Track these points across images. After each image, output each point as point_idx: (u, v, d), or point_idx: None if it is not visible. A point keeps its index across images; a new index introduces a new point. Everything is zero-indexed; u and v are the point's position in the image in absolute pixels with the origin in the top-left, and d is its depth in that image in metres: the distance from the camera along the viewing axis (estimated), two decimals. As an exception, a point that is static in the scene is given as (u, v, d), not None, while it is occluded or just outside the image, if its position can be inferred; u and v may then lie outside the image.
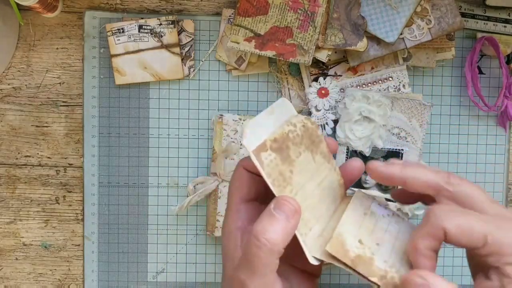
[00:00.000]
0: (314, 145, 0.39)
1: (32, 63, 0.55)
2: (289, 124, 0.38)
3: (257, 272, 0.33)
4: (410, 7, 0.51)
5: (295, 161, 0.37)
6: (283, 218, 0.33)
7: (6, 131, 0.56)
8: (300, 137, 0.38)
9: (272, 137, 0.36)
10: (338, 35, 0.51)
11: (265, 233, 0.33)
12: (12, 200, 0.56)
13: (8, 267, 0.57)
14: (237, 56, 0.55)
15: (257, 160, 0.35)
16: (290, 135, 0.37)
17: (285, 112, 0.39)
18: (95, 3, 0.55)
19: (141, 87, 0.56)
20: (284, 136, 0.37)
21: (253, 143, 0.35)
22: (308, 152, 0.38)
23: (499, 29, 0.55)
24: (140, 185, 0.56)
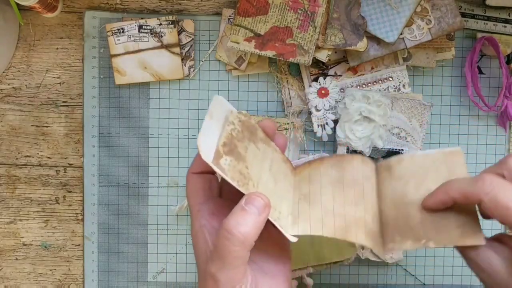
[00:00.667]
0: (253, 135, 0.40)
1: (32, 63, 0.55)
2: (229, 123, 0.39)
3: (228, 265, 0.34)
4: (410, 7, 0.51)
5: (246, 156, 0.38)
6: (254, 212, 0.35)
7: (6, 131, 0.56)
8: (241, 132, 0.39)
9: (221, 141, 0.37)
10: (338, 35, 0.51)
11: (238, 226, 0.34)
12: (12, 200, 0.56)
13: (8, 267, 0.57)
14: (237, 56, 0.55)
15: (219, 169, 0.36)
16: (233, 134, 0.38)
17: (222, 110, 0.40)
18: (95, 3, 0.55)
19: (141, 87, 0.56)
20: (229, 137, 0.38)
21: (209, 155, 0.36)
22: (251, 143, 0.39)
23: (499, 29, 0.55)
24: (140, 185, 0.56)
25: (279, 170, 0.41)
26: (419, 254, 0.58)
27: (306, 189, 0.40)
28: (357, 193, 0.40)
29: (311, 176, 0.41)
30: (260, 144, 0.40)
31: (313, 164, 0.42)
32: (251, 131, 0.40)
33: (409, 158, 0.40)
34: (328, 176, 0.40)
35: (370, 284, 0.58)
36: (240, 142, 0.38)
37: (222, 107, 0.40)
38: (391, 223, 0.39)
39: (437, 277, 0.58)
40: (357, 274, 0.58)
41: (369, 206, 0.40)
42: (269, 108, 0.56)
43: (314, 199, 0.39)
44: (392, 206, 0.40)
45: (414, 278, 0.58)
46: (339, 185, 0.40)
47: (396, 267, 0.58)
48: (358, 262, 0.57)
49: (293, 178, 0.42)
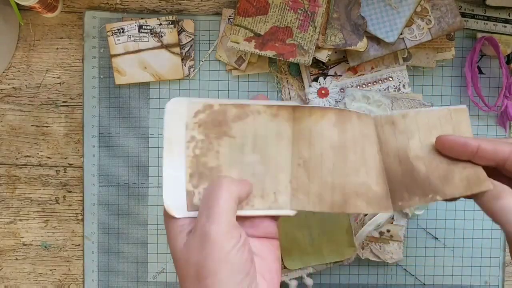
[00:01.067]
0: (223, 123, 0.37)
1: (32, 63, 0.55)
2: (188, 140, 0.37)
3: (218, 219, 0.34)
4: (410, 7, 0.51)
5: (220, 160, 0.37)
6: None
7: (6, 131, 0.56)
8: (207, 137, 0.37)
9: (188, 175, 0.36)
10: (338, 35, 0.51)
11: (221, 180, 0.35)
12: (12, 200, 0.56)
13: (8, 267, 0.57)
14: (237, 56, 0.55)
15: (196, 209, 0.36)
16: (196, 152, 0.37)
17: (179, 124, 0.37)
18: (95, 3, 0.55)
19: (141, 87, 0.56)
20: (193, 161, 0.37)
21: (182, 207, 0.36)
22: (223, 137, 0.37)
23: (499, 29, 0.55)
24: (140, 185, 0.56)
25: (268, 137, 0.38)
26: (419, 254, 0.58)
27: (307, 152, 0.38)
28: (358, 156, 0.38)
29: (313, 135, 0.38)
30: (235, 126, 0.37)
31: (314, 115, 0.38)
32: (218, 121, 0.37)
33: (414, 114, 0.39)
34: (330, 138, 0.38)
35: (370, 284, 0.58)
36: (208, 151, 0.37)
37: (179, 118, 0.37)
38: (398, 180, 0.39)
39: (437, 277, 0.58)
40: (357, 274, 0.58)
41: (371, 168, 0.39)
42: (269, 108, 0.56)
43: (314, 168, 0.38)
44: (397, 162, 0.39)
45: (414, 278, 0.58)
46: (340, 150, 0.38)
47: (396, 267, 0.58)
48: (358, 262, 0.57)
49: (291, 128, 0.38)
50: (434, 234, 0.57)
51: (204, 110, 0.37)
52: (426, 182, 0.38)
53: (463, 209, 0.57)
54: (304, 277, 0.54)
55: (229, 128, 0.37)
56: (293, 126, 0.38)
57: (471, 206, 0.57)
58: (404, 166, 0.39)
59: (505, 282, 0.58)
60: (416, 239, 0.57)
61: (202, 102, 0.37)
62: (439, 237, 0.57)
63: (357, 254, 0.56)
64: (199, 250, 0.34)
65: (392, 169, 0.39)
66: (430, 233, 0.57)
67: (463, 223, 0.57)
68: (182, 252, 0.35)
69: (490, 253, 0.58)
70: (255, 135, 0.38)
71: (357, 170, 0.38)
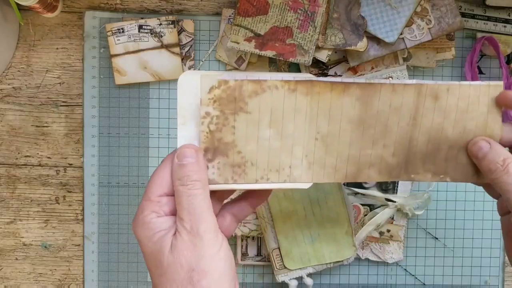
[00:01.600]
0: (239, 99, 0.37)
1: (32, 63, 0.55)
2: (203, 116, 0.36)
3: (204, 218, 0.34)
4: (410, 7, 0.51)
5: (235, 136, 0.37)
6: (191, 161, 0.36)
7: (6, 131, 0.56)
8: (222, 113, 0.37)
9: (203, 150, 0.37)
10: (338, 35, 0.51)
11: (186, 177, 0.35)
12: (12, 200, 0.56)
13: (8, 267, 0.57)
14: (237, 56, 0.55)
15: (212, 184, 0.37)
16: (211, 128, 0.37)
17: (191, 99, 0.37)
18: (95, 3, 0.55)
19: (141, 87, 0.56)
20: (208, 137, 0.37)
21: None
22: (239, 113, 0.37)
23: (499, 29, 0.55)
24: (140, 185, 0.56)
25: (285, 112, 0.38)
26: (419, 254, 0.58)
27: (325, 127, 0.38)
28: (378, 130, 0.39)
29: (332, 109, 0.38)
30: (251, 102, 0.37)
31: (335, 88, 0.38)
32: (233, 97, 0.37)
33: (457, 87, 0.39)
34: (350, 113, 0.38)
35: (370, 284, 0.58)
36: (224, 127, 0.37)
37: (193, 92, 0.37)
38: (419, 154, 0.39)
39: (437, 277, 0.58)
40: (357, 274, 0.58)
41: (391, 140, 0.39)
42: (269, 108, 0.56)
43: (332, 143, 0.38)
44: (426, 138, 0.39)
45: (414, 278, 0.58)
46: (359, 126, 0.38)
47: (396, 267, 0.58)
48: (358, 262, 0.57)
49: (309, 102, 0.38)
50: (434, 234, 0.57)
51: (219, 86, 0.37)
52: (443, 163, 0.40)
53: (463, 209, 0.57)
54: (304, 277, 0.54)
55: (245, 104, 0.37)
56: (311, 100, 0.38)
57: (471, 206, 0.57)
58: (430, 144, 0.39)
59: (505, 282, 0.58)
60: (416, 239, 0.57)
61: (216, 77, 0.37)
62: (439, 237, 0.57)
63: (357, 254, 0.56)
64: (191, 250, 0.34)
65: (418, 142, 0.39)
66: (430, 233, 0.57)
67: (463, 223, 0.57)
68: (169, 257, 0.34)
69: (490, 253, 0.58)
70: (271, 110, 0.38)
71: (374, 143, 0.39)
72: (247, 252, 0.56)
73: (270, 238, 0.54)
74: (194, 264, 0.34)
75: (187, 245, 0.34)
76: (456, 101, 0.39)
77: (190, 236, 0.34)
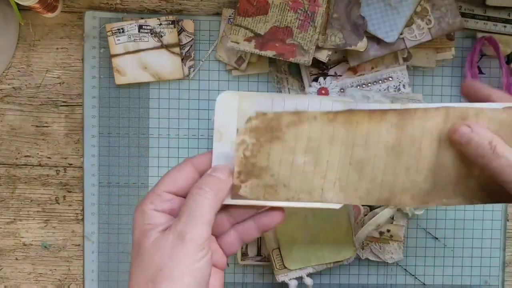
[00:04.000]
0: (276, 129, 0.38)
1: (32, 63, 0.55)
2: (239, 143, 0.37)
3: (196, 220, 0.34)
4: (410, 7, 0.51)
5: (269, 162, 0.38)
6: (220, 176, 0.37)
7: (6, 131, 0.56)
8: (257, 141, 0.38)
9: (236, 173, 0.38)
10: (338, 35, 0.51)
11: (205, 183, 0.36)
12: (12, 200, 0.56)
13: (8, 267, 0.57)
14: (237, 56, 0.55)
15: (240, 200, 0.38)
16: (246, 154, 0.38)
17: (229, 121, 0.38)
18: (95, 3, 0.55)
19: (141, 87, 0.56)
20: (242, 161, 0.38)
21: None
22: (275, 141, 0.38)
23: (499, 29, 0.55)
24: (140, 185, 0.56)
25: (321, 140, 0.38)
26: (419, 254, 0.58)
27: (360, 153, 0.38)
28: (412, 155, 0.39)
29: (369, 136, 0.38)
30: (288, 131, 0.38)
31: (374, 118, 0.38)
32: (271, 127, 0.38)
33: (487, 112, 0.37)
34: (386, 139, 0.38)
35: (370, 284, 0.58)
36: (259, 153, 0.38)
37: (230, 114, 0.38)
38: (449, 178, 0.39)
39: (437, 277, 0.58)
40: (357, 274, 0.58)
41: (424, 165, 0.39)
42: (269, 108, 0.56)
43: (366, 168, 0.39)
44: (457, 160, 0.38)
45: (414, 278, 0.58)
46: (394, 151, 0.39)
47: (396, 267, 0.58)
48: (358, 262, 0.57)
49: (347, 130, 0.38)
50: (434, 234, 0.57)
51: (257, 117, 0.37)
52: (473, 188, 0.39)
53: (463, 209, 0.57)
54: (304, 277, 0.54)
55: (282, 134, 0.38)
56: (349, 128, 0.38)
57: (471, 206, 0.57)
58: (459, 168, 0.39)
59: (505, 282, 0.58)
60: (416, 239, 0.57)
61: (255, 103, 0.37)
62: (439, 237, 0.57)
63: (357, 254, 0.56)
64: (168, 251, 0.34)
65: (447, 166, 0.39)
66: (430, 233, 0.57)
67: (463, 223, 0.57)
68: (147, 249, 0.34)
69: (490, 253, 0.58)
70: (308, 139, 0.38)
71: (408, 169, 0.39)
72: (247, 252, 0.56)
73: (270, 238, 0.54)
74: (164, 265, 0.33)
75: (167, 245, 0.34)
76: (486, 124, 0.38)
77: (175, 238, 0.34)
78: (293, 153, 0.38)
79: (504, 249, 0.57)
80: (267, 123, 0.38)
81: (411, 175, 0.39)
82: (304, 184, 0.39)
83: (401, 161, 0.39)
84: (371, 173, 0.39)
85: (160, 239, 0.34)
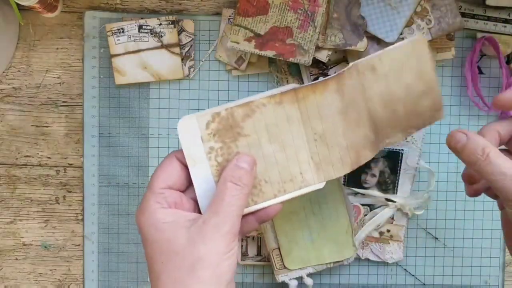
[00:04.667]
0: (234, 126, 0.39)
1: (32, 63, 0.55)
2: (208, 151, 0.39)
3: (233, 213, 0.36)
4: (410, 7, 0.51)
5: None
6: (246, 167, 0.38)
7: (6, 131, 0.56)
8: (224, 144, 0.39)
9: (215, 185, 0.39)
10: (338, 35, 0.51)
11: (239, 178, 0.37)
12: (12, 200, 0.56)
13: (8, 267, 0.57)
14: (237, 56, 0.55)
15: None
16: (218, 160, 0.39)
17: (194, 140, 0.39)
18: (95, 3, 0.55)
19: (141, 87, 0.56)
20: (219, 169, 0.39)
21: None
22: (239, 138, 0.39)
23: (499, 29, 0.55)
24: (140, 185, 0.56)
25: (279, 124, 0.40)
26: (419, 254, 0.58)
27: (320, 126, 0.40)
28: (356, 112, 0.41)
29: (320, 108, 0.40)
30: (245, 125, 0.39)
31: (317, 90, 0.40)
32: (229, 125, 0.39)
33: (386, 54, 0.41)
34: (335, 105, 0.40)
35: (370, 284, 0.58)
36: (229, 156, 0.39)
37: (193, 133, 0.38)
38: (383, 121, 0.42)
39: (437, 277, 0.58)
40: (357, 274, 0.58)
41: (364, 118, 0.41)
42: (269, 108, 0.56)
43: (330, 138, 0.40)
44: (382, 105, 0.41)
45: (414, 278, 0.58)
46: (344, 115, 0.40)
47: (396, 267, 0.58)
48: (358, 262, 0.57)
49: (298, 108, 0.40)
50: (434, 234, 0.57)
51: (213, 120, 0.39)
52: (404, 119, 0.42)
53: (463, 209, 0.57)
54: (304, 277, 0.54)
55: (241, 128, 0.39)
56: (299, 106, 0.40)
57: (471, 206, 0.57)
58: (387, 108, 0.41)
59: (505, 282, 0.58)
60: (416, 239, 0.57)
61: (209, 112, 0.39)
62: (439, 237, 0.57)
63: (357, 254, 0.56)
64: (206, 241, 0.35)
65: (377, 112, 0.41)
66: (430, 233, 0.57)
67: (463, 223, 0.57)
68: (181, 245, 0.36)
69: (490, 253, 0.58)
70: (266, 126, 0.39)
71: (358, 125, 0.41)
72: (247, 252, 0.56)
73: (270, 238, 0.54)
74: (204, 255, 0.35)
75: (205, 236, 0.35)
76: (390, 66, 0.41)
77: (212, 230, 0.35)
78: (260, 145, 0.39)
79: (504, 249, 0.57)
80: (224, 123, 0.39)
81: (361, 130, 0.41)
82: (283, 173, 0.40)
83: (351, 120, 0.40)
84: (336, 141, 0.40)
85: (194, 232, 0.36)
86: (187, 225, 0.36)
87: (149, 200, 0.37)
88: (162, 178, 0.38)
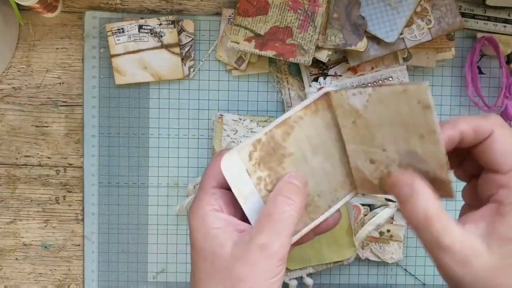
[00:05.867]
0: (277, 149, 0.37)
1: (32, 63, 0.55)
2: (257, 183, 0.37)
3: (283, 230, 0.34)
4: (410, 7, 0.51)
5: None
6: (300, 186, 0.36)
7: (6, 131, 0.56)
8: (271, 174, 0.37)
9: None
10: (338, 35, 0.51)
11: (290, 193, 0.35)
12: (12, 200, 0.56)
13: (8, 267, 0.57)
14: (237, 56, 0.55)
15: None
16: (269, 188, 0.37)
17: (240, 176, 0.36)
18: (95, 3, 0.55)
19: (141, 87, 0.56)
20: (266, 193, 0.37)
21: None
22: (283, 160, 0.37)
23: (499, 29, 0.55)
24: (140, 185, 0.56)
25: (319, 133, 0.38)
26: (419, 254, 0.58)
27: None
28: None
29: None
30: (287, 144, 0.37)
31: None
32: (272, 149, 0.37)
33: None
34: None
35: (370, 284, 0.58)
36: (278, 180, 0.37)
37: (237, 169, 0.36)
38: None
39: (437, 277, 0.58)
40: (357, 274, 0.58)
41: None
42: (269, 108, 0.56)
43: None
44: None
45: (414, 278, 0.58)
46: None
47: (396, 267, 0.58)
48: (358, 262, 0.57)
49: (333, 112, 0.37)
50: (434, 234, 0.57)
51: (255, 149, 0.37)
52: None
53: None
54: (304, 277, 0.54)
55: (284, 148, 0.37)
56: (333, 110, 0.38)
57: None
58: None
59: (505, 282, 0.58)
60: (416, 239, 0.57)
61: (249, 143, 0.37)
62: (439, 237, 0.57)
63: (357, 254, 0.56)
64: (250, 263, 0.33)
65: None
66: (430, 233, 0.57)
67: (463, 223, 0.57)
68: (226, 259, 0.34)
69: (490, 253, 0.58)
70: (308, 139, 0.38)
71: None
72: (247, 252, 0.56)
73: (270, 238, 0.53)
74: (245, 277, 0.33)
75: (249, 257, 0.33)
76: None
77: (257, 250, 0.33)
78: (306, 160, 0.38)
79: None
80: (267, 148, 0.37)
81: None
82: (332, 182, 0.39)
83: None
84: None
85: (239, 249, 0.34)
86: (234, 238, 0.34)
87: (202, 201, 0.36)
88: (211, 177, 0.37)
